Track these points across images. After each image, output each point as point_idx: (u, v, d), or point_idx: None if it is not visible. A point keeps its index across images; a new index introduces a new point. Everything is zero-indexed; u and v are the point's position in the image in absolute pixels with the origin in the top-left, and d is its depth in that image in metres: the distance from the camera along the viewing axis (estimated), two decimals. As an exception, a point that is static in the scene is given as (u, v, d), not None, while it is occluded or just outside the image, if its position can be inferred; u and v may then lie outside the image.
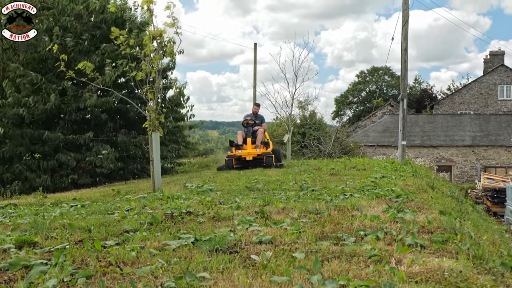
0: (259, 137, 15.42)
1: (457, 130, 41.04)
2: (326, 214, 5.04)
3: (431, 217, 4.67)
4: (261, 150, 14.98)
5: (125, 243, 3.95)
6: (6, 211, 6.74)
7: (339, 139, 33.36)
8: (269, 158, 14.75)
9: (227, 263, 3.30)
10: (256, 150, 14.98)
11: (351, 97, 74.06)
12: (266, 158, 14.75)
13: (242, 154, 15.04)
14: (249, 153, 14.90)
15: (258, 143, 15.29)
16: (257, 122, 16.07)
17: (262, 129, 15.83)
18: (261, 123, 16.23)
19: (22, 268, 3.19)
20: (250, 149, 15.11)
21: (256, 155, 14.85)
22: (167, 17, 9.33)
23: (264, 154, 14.81)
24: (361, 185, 7.80)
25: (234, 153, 15.19)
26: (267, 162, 14.64)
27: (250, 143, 15.28)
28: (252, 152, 14.95)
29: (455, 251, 3.55)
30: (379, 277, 2.93)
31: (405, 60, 21.04)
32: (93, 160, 18.22)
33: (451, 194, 9.20)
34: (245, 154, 15.01)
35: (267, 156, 14.77)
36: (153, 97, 9.44)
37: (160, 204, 6.26)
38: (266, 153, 14.82)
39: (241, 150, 15.15)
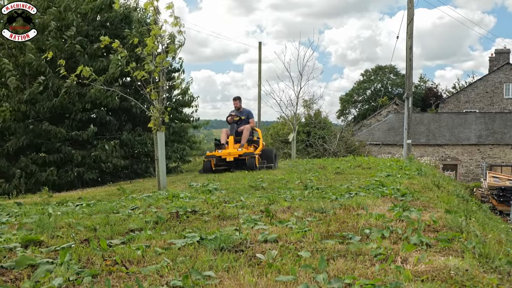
0: (244, 135, 13.97)
1: (462, 129, 40.98)
2: (332, 213, 5.04)
3: (437, 215, 4.66)
4: (243, 150, 13.49)
5: (130, 242, 3.95)
6: (11, 210, 6.75)
7: (344, 138, 33.35)
8: (252, 159, 13.14)
9: (233, 261, 3.30)
10: (238, 150, 13.45)
11: (356, 96, 73.99)
12: (248, 159, 13.17)
13: (222, 154, 13.52)
14: (230, 153, 13.37)
15: (243, 141, 13.81)
16: (243, 118, 14.55)
17: (249, 126, 14.32)
18: (247, 119, 14.73)
19: (28, 267, 3.20)
20: (231, 148, 13.64)
21: (238, 156, 13.31)
22: (169, 16, 9.34)
23: (246, 155, 13.28)
24: (366, 184, 7.80)
25: (213, 153, 13.77)
26: (248, 164, 13.03)
27: (233, 141, 13.85)
28: (234, 152, 13.42)
29: (461, 249, 3.54)
30: (384, 276, 2.93)
31: (410, 58, 21.00)
32: (98, 154, 18.24)
33: (456, 193, 9.18)
34: (225, 154, 13.47)
35: (249, 156, 13.21)
36: (157, 97, 9.44)
37: (165, 203, 6.26)
38: (249, 153, 13.32)
39: (222, 149, 13.75)
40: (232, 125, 14.34)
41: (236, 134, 14.06)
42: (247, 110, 15.02)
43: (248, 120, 14.61)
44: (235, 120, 14.33)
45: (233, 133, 14.02)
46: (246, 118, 14.60)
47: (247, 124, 14.28)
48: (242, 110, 14.87)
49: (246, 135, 13.93)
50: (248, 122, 14.54)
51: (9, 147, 18.11)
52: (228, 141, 13.95)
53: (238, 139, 13.89)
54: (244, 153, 13.27)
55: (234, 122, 14.33)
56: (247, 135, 13.94)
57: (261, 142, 14.63)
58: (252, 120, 14.81)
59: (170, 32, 9.60)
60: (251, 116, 14.92)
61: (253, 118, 15.16)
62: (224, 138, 14.16)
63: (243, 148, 13.52)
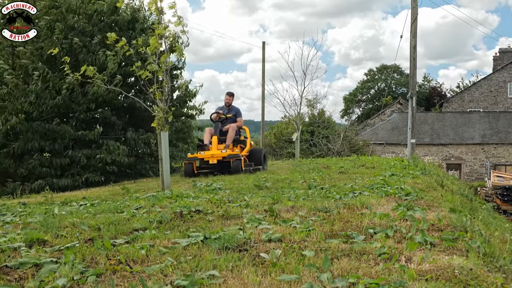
0: (230, 135, 12.87)
1: (466, 128, 40.94)
2: (335, 212, 5.04)
3: (441, 215, 4.66)
4: (228, 151, 12.40)
5: (134, 242, 3.96)
6: (16, 209, 6.77)
7: (348, 138, 33.34)
8: (237, 162, 12.15)
9: (237, 261, 3.30)
10: (222, 151, 12.36)
11: (360, 95, 73.95)
12: (233, 162, 12.15)
13: (204, 156, 12.36)
14: (213, 155, 12.24)
15: (228, 142, 12.75)
16: (230, 116, 13.58)
17: (235, 125, 13.23)
18: (235, 117, 13.72)
19: (33, 267, 3.20)
20: (215, 149, 12.53)
21: (222, 158, 12.19)
22: (172, 16, 9.35)
23: (231, 157, 12.20)
24: (370, 183, 7.79)
25: (195, 155, 12.57)
26: (233, 167, 12.07)
27: (216, 142, 12.72)
28: (217, 153, 12.29)
29: (465, 249, 3.54)
30: (389, 275, 2.93)
31: (414, 58, 20.98)
32: (103, 157, 18.24)
33: (460, 192, 9.17)
34: (207, 156, 12.31)
35: (234, 158, 12.19)
36: (160, 97, 9.46)
37: (169, 203, 6.27)
38: (234, 155, 12.25)
39: (205, 151, 12.61)
40: (216, 123, 13.44)
41: (221, 134, 13.14)
42: (235, 108, 14.04)
43: (236, 119, 13.69)
44: (220, 118, 13.43)
45: (217, 133, 13.10)
46: (234, 116, 13.71)
47: (233, 123, 13.33)
48: (231, 107, 13.93)
49: (232, 134, 12.93)
50: (235, 120, 13.62)
51: (15, 148, 18.12)
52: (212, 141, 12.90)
53: (223, 139, 12.94)
54: (229, 155, 12.24)
55: (219, 121, 13.42)
56: (232, 134, 12.94)
57: (249, 142, 13.76)
58: (240, 119, 13.84)
59: (173, 31, 9.57)
60: (239, 115, 13.94)
61: (241, 117, 14.06)
62: (207, 138, 13.14)
63: (228, 150, 12.54)
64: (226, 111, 13.68)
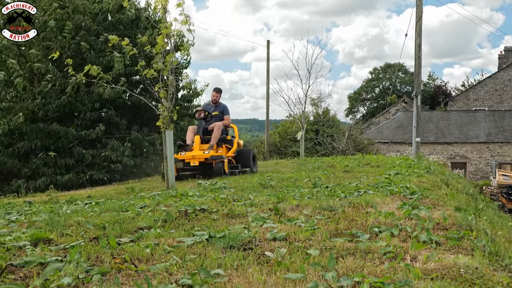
0: (215, 134, 11.94)
1: (471, 127, 40.84)
2: (340, 211, 5.03)
3: (446, 213, 4.65)
4: (210, 152, 11.47)
5: (139, 240, 3.96)
6: (21, 208, 6.78)
7: (352, 136, 33.28)
8: (220, 164, 11.28)
9: (242, 259, 3.30)
10: (204, 152, 11.45)
11: (365, 94, 73.92)
12: (215, 164, 11.27)
13: (185, 157, 11.50)
14: (195, 157, 11.39)
15: (213, 142, 11.84)
16: (216, 113, 12.65)
17: (221, 123, 12.26)
18: (222, 115, 12.75)
19: (38, 265, 3.21)
20: (197, 150, 11.62)
21: (204, 160, 11.30)
22: (179, 15, 9.36)
23: (214, 158, 11.32)
24: (375, 182, 7.79)
25: (176, 157, 11.30)
26: (215, 169, 11.21)
27: (199, 142, 11.81)
28: (199, 155, 11.42)
29: (470, 247, 3.53)
30: (394, 274, 2.92)
31: (419, 56, 20.96)
32: (108, 155, 18.26)
33: (465, 191, 9.15)
34: (189, 157, 11.46)
35: (217, 160, 11.31)
36: (165, 95, 9.47)
37: (174, 202, 6.27)
38: (216, 157, 11.37)
39: (186, 152, 11.75)
40: (200, 122, 12.47)
41: (207, 133, 12.23)
42: (223, 105, 13.03)
43: (223, 117, 12.71)
44: (204, 116, 12.47)
45: (200, 132, 12.21)
46: (221, 113, 12.74)
47: (218, 122, 12.30)
48: (218, 104, 12.96)
49: (217, 134, 11.97)
50: (222, 118, 12.64)
51: (20, 148, 18.16)
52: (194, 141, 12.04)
53: (208, 138, 12.03)
54: (211, 156, 11.34)
55: (202, 119, 12.42)
56: (218, 134, 11.98)
57: (236, 142, 12.79)
58: (227, 117, 12.83)
59: (178, 30, 9.58)
60: (226, 112, 12.90)
61: (229, 115, 13.02)
62: (190, 137, 12.20)
63: (211, 150, 11.59)
64: (213, 109, 12.79)
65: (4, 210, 6.52)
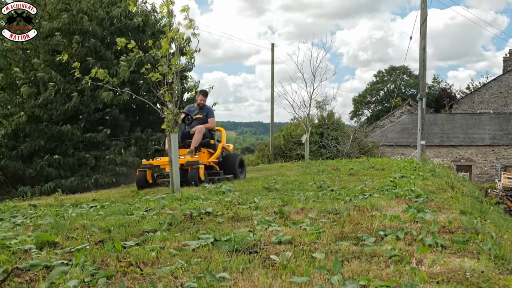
0: (195, 138, 11.17)
1: (476, 130, 40.78)
2: (346, 214, 5.03)
3: (452, 217, 4.64)
4: (187, 157, 10.58)
5: (145, 244, 3.97)
6: (26, 211, 6.79)
7: (357, 139, 33.25)
8: (195, 170, 10.28)
9: (247, 263, 3.30)
10: (181, 157, 10.30)
11: (369, 96, 73.90)
12: (191, 170, 10.30)
13: (160, 163, 10.84)
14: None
15: (192, 146, 11.04)
16: (200, 116, 11.85)
17: (203, 126, 11.44)
18: (206, 118, 11.95)
19: (43, 269, 3.21)
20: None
21: (180, 165, 9.96)
22: (184, 19, 9.39)
23: (189, 164, 10.39)
24: (380, 185, 7.78)
25: (150, 162, 10.92)
26: (190, 176, 10.21)
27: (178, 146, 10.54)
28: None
29: (476, 251, 3.52)
30: (400, 277, 2.92)
31: (424, 59, 20.92)
32: (113, 158, 18.27)
33: (471, 194, 9.13)
34: (163, 163, 10.72)
35: (193, 166, 10.36)
36: (170, 98, 9.48)
37: (179, 205, 6.28)
38: (192, 162, 10.43)
39: (162, 157, 10.95)
40: (180, 125, 11.02)
41: (189, 137, 11.48)
42: (207, 107, 12.30)
43: (207, 119, 11.93)
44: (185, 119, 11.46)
45: (179, 136, 10.76)
46: (205, 116, 11.96)
47: (200, 126, 11.49)
48: (203, 107, 12.18)
49: (198, 138, 11.20)
50: (206, 121, 11.87)
51: (23, 150, 18.19)
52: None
53: (190, 142, 11.27)
54: (187, 162, 10.41)
55: (182, 121, 11.21)
56: (198, 137, 11.21)
57: (221, 146, 11.97)
58: (211, 120, 12.02)
59: (182, 33, 9.60)
60: (211, 115, 12.12)
61: (214, 117, 12.22)
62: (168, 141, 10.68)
63: (188, 156, 10.70)
64: (196, 112, 12.01)
65: (10, 214, 6.52)
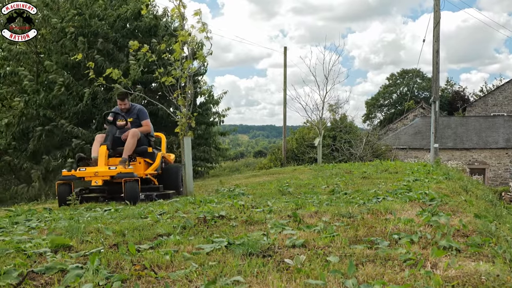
0: (128, 145, 9.19)
1: (490, 132, 40.50)
2: (359, 217, 5.01)
3: (466, 220, 4.61)
4: (119, 168, 8.60)
5: (159, 247, 3.97)
6: (41, 215, 6.83)
7: (370, 142, 33.15)
8: (132, 184, 8.38)
9: (261, 266, 3.30)
10: (111, 168, 8.59)
11: (382, 100, 73.70)
12: (127, 184, 8.36)
13: (84, 174, 8.60)
14: (97, 173, 8.47)
15: (125, 154, 9.08)
16: (131, 120, 9.75)
17: (137, 130, 9.46)
18: (139, 121, 9.86)
19: (58, 272, 3.23)
20: (102, 166, 8.70)
21: (110, 177, 8.48)
22: (197, 23, 9.42)
23: (122, 176, 8.42)
24: (393, 189, 7.75)
25: (72, 173, 8.77)
26: (127, 191, 8.32)
27: (105, 154, 8.90)
28: (103, 171, 8.52)
29: (491, 254, 3.50)
30: (414, 281, 2.90)
31: (437, 62, 20.83)
32: None
33: (485, 197, 9.08)
34: (89, 174, 8.56)
35: (128, 180, 8.39)
36: (183, 102, 9.51)
37: (192, 208, 6.28)
38: (126, 174, 8.44)
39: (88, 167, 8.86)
40: (111, 127, 9.50)
41: (121, 144, 9.42)
42: (137, 107, 10.02)
43: (140, 123, 9.87)
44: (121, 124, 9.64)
45: (108, 140, 9.21)
46: (137, 119, 9.87)
47: (134, 129, 9.50)
48: (131, 109, 9.94)
49: (131, 143, 9.23)
50: (139, 125, 9.83)
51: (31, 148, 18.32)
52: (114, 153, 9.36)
53: (118, 150, 9.32)
54: (118, 173, 8.46)
55: (111, 123, 9.56)
56: (132, 143, 9.25)
57: (160, 155, 9.93)
58: (145, 122, 9.93)
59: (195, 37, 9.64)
60: (143, 116, 9.96)
61: (148, 119, 10.05)
62: (96, 148, 9.20)
63: (120, 166, 8.74)
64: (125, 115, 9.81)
65: (24, 217, 6.57)
